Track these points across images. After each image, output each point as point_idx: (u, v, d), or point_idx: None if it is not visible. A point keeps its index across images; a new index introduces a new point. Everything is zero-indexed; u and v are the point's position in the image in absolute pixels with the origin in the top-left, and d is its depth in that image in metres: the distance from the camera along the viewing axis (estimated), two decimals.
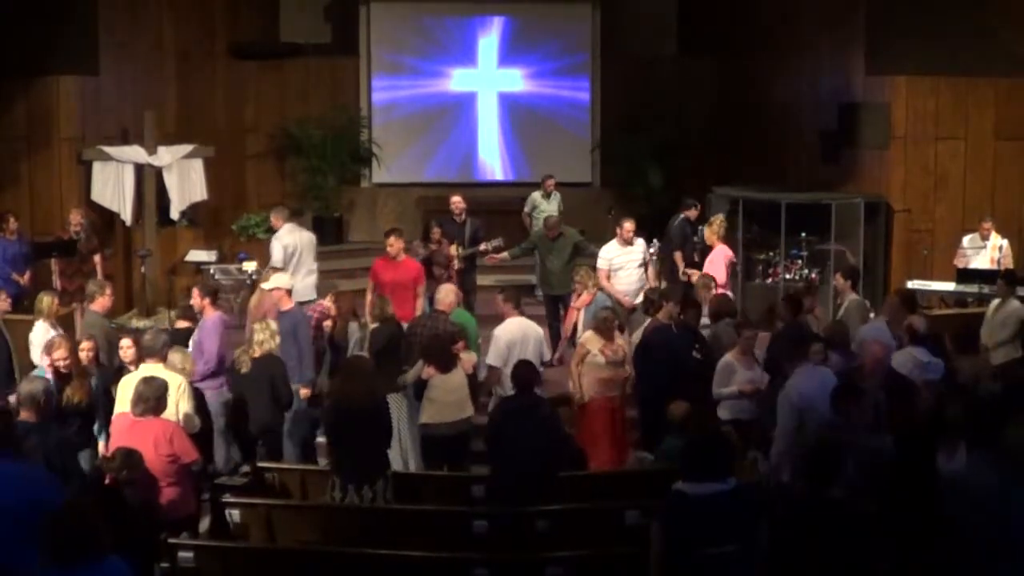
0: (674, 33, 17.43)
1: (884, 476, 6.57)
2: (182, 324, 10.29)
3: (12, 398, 8.42)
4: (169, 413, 7.81)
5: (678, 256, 12.90)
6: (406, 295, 11.27)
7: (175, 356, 8.79)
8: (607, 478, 9.06)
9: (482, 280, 13.68)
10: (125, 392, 7.90)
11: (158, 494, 7.20)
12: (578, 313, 11.27)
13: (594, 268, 11.82)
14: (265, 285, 10.41)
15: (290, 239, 12.28)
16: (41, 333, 9.80)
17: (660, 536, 5.67)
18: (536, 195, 14.97)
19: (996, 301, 10.96)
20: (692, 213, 13.15)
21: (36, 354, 9.58)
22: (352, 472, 7.89)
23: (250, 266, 12.64)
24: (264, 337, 9.27)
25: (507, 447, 7.97)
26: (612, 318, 9.95)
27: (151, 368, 8.23)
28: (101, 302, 10.04)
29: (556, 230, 12.54)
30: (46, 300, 10.11)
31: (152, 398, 7.30)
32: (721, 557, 5.53)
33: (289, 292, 10.26)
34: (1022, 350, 10.53)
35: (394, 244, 11.55)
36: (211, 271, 13.44)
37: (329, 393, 9.10)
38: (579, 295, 11.28)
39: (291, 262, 12.03)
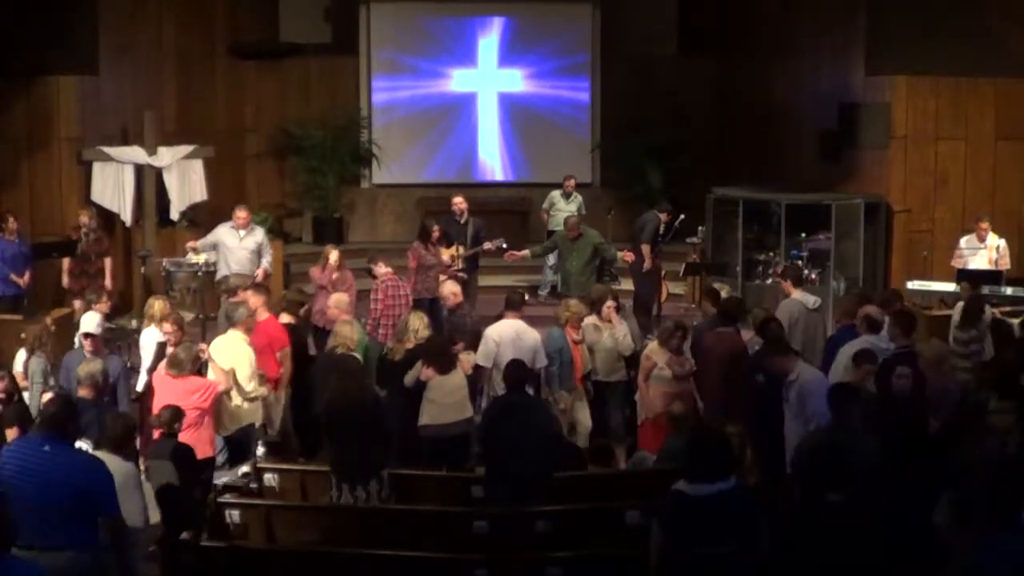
0: (674, 33, 17.45)
1: (875, 475, 6.49)
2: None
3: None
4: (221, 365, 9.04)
5: (646, 249, 13.24)
6: (265, 360, 9.53)
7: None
8: (607, 478, 9.04)
9: (484, 281, 13.67)
10: (217, 351, 9.19)
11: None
12: (579, 347, 9.92)
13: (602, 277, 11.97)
14: (84, 327, 9.60)
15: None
16: (151, 337, 9.74)
17: (660, 536, 5.67)
18: (555, 193, 15.23)
19: (961, 304, 10.69)
20: (664, 216, 13.60)
21: (146, 358, 9.69)
22: (345, 472, 7.90)
23: (199, 258, 12.31)
24: (419, 326, 9.40)
25: (501, 446, 7.96)
26: (676, 330, 9.47)
27: (233, 335, 9.28)
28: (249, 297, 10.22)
29: (576, 231, 12.49)
30: (157, 305, 9.88)
31: (187, 361, 8.64)
32: (721, 557, 5.53)
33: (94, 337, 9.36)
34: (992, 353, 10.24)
35: (251, 300, 9.84)
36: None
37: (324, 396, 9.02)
38: (576, 328, 9.88)
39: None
